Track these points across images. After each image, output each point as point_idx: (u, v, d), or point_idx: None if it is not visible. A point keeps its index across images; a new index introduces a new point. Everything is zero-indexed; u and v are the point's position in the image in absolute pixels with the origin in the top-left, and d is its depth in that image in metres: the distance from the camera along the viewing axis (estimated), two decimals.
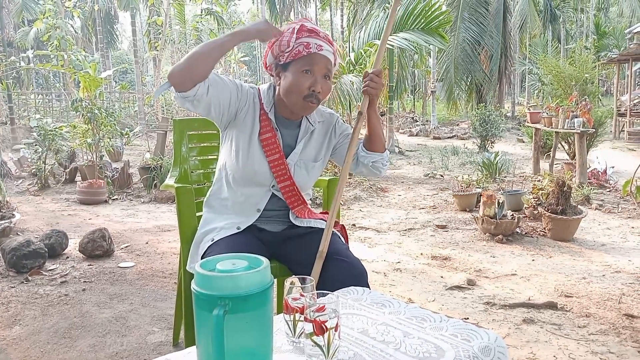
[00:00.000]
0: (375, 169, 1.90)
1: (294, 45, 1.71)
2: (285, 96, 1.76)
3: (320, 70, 1.72)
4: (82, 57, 7.25)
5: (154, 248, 4.12)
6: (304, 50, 1.70)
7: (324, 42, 1.74)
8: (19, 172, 8.05)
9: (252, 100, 1.81)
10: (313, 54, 1.71)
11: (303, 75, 1.71)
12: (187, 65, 1.60)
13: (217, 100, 1.70)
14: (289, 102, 1.76)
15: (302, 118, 1.85)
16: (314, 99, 1.72)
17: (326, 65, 1.74)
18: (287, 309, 1.17)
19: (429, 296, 3.05)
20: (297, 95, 1.71)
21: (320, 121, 1.90)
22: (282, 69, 1.76)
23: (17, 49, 19.74)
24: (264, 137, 1.78)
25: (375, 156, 1.88)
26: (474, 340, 1.17)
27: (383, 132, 1.89)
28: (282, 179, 1.79)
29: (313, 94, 1.71)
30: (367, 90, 1.78)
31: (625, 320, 2.66)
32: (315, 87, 1.71)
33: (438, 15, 6.81)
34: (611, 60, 15.20)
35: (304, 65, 1.71)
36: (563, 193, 4.30)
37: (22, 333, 2.55)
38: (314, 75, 1.71)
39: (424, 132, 15.31)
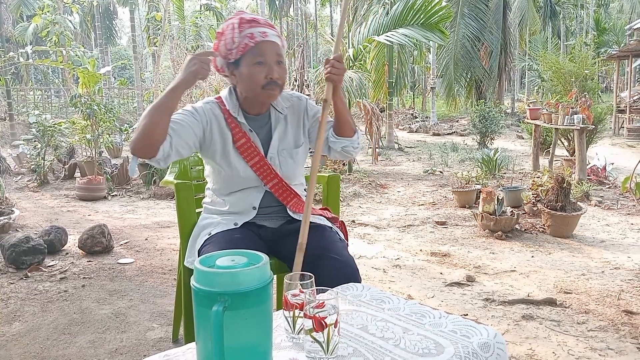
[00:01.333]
0: (346, 152, 1.91)
1: (239, 40, 1.70)
2: (245, 92, 1.76)
3: (271, 57, 1.72)
4: (81, 53, 7.22)
5: (153, 244, 4.12)
6: (250, 41, 1.69)
7: (266, 28, 1.73)
8: (18, 168, 8.05)
9: (212, 115, 1.79)
10: (260, 43, 1.70)
11: (256, 67, 1.70)
12: (143, 137, 1.60)
13: (184, 144, 1.70)
14: (251, 96, 1.76)
15: (270, 109, 1.85)
16: (273, 85, 1.72)
17: (275, 51, 1.73)
18: (287, 305, 1.17)
19: (429, 292, 3.06)
20: (256, 88, 1.71)
21: (288, 106, 1.88)
22: (234, 67, 1.76)
23: (16, 44, 19.68)
24: (239, 143, 1.78)
25: (344, 141, 1.87)
26: (473, 337, 1.17)
27: (350, 116, 1.88)
28: (268, 179, 1.80)
29: (271, 81, 1.71)
30: (329, 77, 1.75)
31: (624, 317, 2.67)
32: (271, 75, 1.70)
33: (438, 10, 6.80)
34: (611, 57, 15.20)
35: (254, 57, 1.70)
36: (562, 189, 4.30)
37: (21, 329, 2.55)
38: (266, 64, 1.70)
39: (424, 129, 15.31)
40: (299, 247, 1.66)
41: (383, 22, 7.28)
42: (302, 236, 1.65)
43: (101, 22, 22.43)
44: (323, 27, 32.12)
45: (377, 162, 8.81)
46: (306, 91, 7.85)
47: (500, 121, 10.97)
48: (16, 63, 8.29)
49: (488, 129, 10.53)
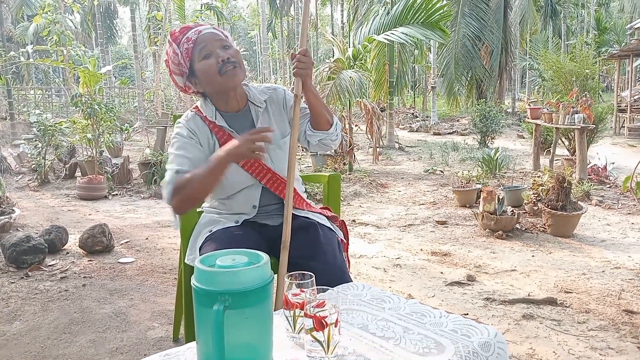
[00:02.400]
0: (324, 145, 1.91)
1: (180, 51, 1.73)
2: (211, 88, 1.76)
3: (213, 45, 1.72)
4: (81, 53, 7.23)
5: (154, 244, 4.12)
6: (189, 44, 1.72)
7: (198, 26, 1.76)
8: (19, 167, 8.05)
9: (197, 128, 1.78)
10: (197, 39, 1.72)
11: (205, 60, 1.71)
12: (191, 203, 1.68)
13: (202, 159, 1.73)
14: (217, 88, 1.75)
15: (247, 104, 1.85)
16: (228, 65, 1.71)
17: (215, 39, 1.73)
18: (287, 304, 1.17)
19: (429, 292, 3.06)
20: (215, 77, 1.71)
21: (266, 98, 1.88)
22: (192, 78, 1.77)
23: (17, 44, 19.70)
24: None
25: (320, 134, 1.86)
26: (473, 336, 1.17)
27: (326, 108, 1.85)
28: (261, 175, 1.80)
29: (223, 63, 1.70)
30: (296, 72, 1.73)
31: (624, 316, 2.66)
32: (221, 57, 1.70)
33: (438, 8, 6.78)
34: (612, 56, 15.17)
35: (198, 54, 1.72)
36: (563, 189, 4.30)
37: (22, 328, 2.55)
38: (212, 52, 1.71)
39: (424, 128, 15.29)
40: (283, 245, 1.66)
41: (384, 22, 7.27)
42: (285, 234, 1.66)
43: (102, 22, 22.43)
44: (324, 27, 32.12)
45: (377, 161, 8.81)
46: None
47: (500, 120, 10.97)
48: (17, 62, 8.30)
49: (489, 129, 10.53)
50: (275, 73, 29.70)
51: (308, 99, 1.79)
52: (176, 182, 1.64)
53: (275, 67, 31.54)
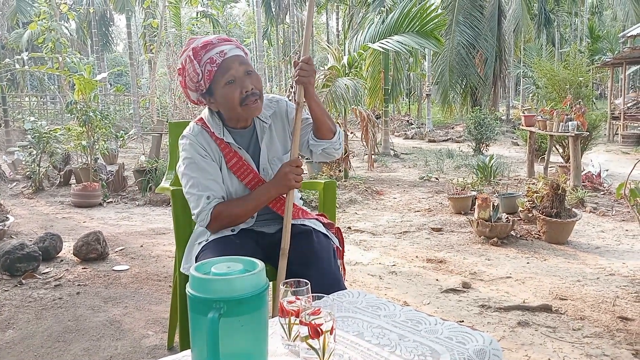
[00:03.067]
0: (327, 154, 1.91)
1: (201, 70, 1.69)
2: (227, 112, 1.76)
3: (238, 71, 1.70)
4: (77, 60, 7.21)
5: (148, 251, 4.10)
6: (212, 66, 1.68)
7: (222, 45, 1.72)
8: (13, 174, 8.01)
9: (205, 143, 1.77)
10: (222, 63, 1.68)
11: (228, 87, 1.69)
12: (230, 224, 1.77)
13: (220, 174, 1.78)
14: (234, 116, 1.76)
15: (254, 120, 1.84)
16: (251, 97, 1.70)
17: (240, 63, 1.71)
18: (283, 312, 1.17)
19: (424, 299, 3.06)
20: (236, 107, 1.71)
21: (271, 114, 1.87)
22: (209, 96, 1.76)
23: (11, 51, 19.66)
24: (231, 164, 1.78)
25: (323, 143, 1.86)
26: (469, 343, 1.18)
27: (328, 116, 1.85)
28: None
29: (247, 95, 1.70)
30: (298, 79, 1.73)
31: (619, 323, 2.67)
32: (246, 89, 1.69)
33: (433, 17, 6.83)
34: (605, 64, 15.30)
35: (222, 79, 1.69)
36: (557, 196, 4.32)
37: (15, 337, 2.53)
38: (236, 80, 1.69)
39: (419, 135, 15.34)
40: (282, 253, 1.67)
41: (379, 30, 7.31)
42: (284, 242, 1.67)
43: (97, 29, 22.42)
44: (319, 34, 32.22)
45: (373, 168, 8.82)
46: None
47: (495, 128, 11.02)
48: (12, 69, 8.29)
49: (483, 136, 10.57)
50: (271, 80, 29.76)
51: (311, 106, 1.79)
52: (214, 211, 1.70)
53: (271, 74, 31.61)
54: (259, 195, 1.74)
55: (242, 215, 1.75)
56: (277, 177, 1.73)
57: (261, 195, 1.74)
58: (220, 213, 1.70)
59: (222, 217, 1.71)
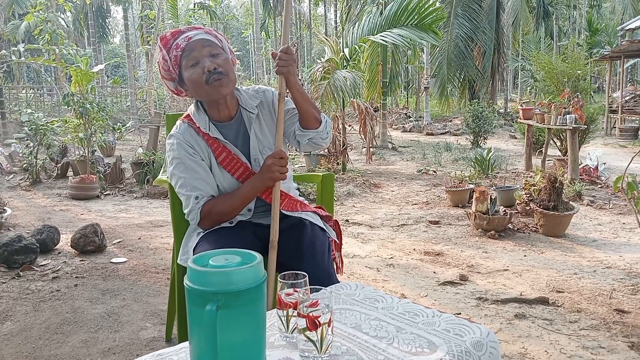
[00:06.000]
0: (314, 144, 1.88)
1: (169, 57, 1.72)
2: (199, 96, 1.76)
3: (201, 53, 1.70)
4: (73, 52, 7.17)
5: (146, 243, 4.10)
6: (177, 51, 1.71)
7: (189, 31, 1.74)
8: (10, 167, 7.99)
9: (192, 139, 1.77)
10: (185, 47, 1.71)
11: (193, 69, 1.70)
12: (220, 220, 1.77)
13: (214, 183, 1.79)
14: (205, 97, 1.75)
15: (238, 110, 1.83)
16: (215, 75, 1.69)
17: (204, 45, 1.71)
18: (281, 304, 1.17)
19: (422, 291, 3.07)
20: (201, 87, 1.70)
21: (258, 104, 1.86)
22: (182, 83, 1.77)
23: (8, 42, 19.56)
24: (220, 159, 1.77)
25: (310, 133, 1.83)
26: (466, 335, 1.18)
27: (313, 105, 1.82)
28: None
29: (209, 73, 1.68)
30: (278, 70, 1.71)
31: (615, 316, 2.68)
32: (208, 67, 1.68)
33: (432, 11, 6.81)
34: (603, 57, 15.28)
35: (187, 62, 1.71)
36: (555, 189, 4.32)
37: (13, 329, 2.54)
38: (199, 61, 1.70)
39: (417, 128, 15.33)
40: (271, 245, 1.66)
41: (377, 22, 7.28)
42: (273, 234, 1.66)
43: (94, 21, 22.32)
44: (317, 26, 32.11)
45: (371, 161, 8.82)
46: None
47: (493, 121, 11.02)
48: (8, 61, 8.24)
49: (481, 129, 10.57)
50: (269, 72, 29.64)
51: (294, 96, 1.77)
52: (204, 210, 1.72)
53: (268, 66, 31.49)
54: (245, 190, 1.73)
55: (231, 212, 1.75)
56: (261, 170, 1.72)
57: (247, 190, 1.73)
58: (209, 211, 1.72)
59: (212, 215, 1.72)
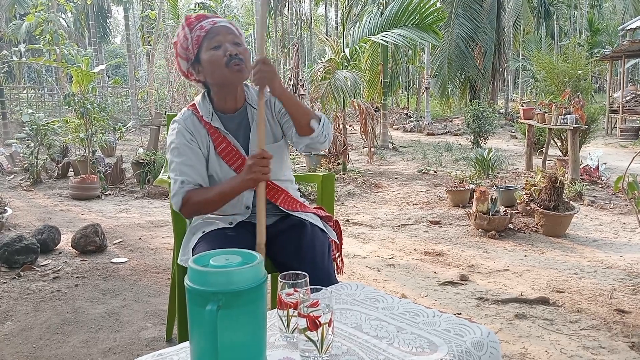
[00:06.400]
0: (312, 148, 1.87)
1: (191, 36, 1.73)
2: (213, 79, 1.75)
3: (225, 38, 1.72)
4: (74, 52, 7.17)
5: (147, 243, 4.11)
6: (201, 32, 1.72)
7: (215, 18, 1.76)
8: (11, 167, 8.00)
9: (193, 127, 1.78)
10: (211, 29, 1.72)
11: (214, 51, 1.71)
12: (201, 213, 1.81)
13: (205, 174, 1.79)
14: (220, 80, 1.74)
15: (245, 103, 1.83)
16: (236, 60, 1.70)
17: (228, 33, 1.73)
18: (281, 304, 1.17)
19: (422, 291, 3.06)
20: (220, 68, 1.70)
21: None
22: (197, 65, 1.76)
23: (9, 42, 19.57)
24: (219, 149, 1.77)
25: (305, 140, 1.80)
26: (466, 335, 1.18)
27: (305, 111, 1.77)
28: None
29: (231, 57, 1.69)
30: (258, 81, 1.68)
31: (616, 316, 2.68)
32: (230, 51, 1.69)
33: (433, 11, 6.81)
34: (604, 57, 15.27)
35: (209, 44, 1.72)
36: (555, 189, 4.32)
37: (14, 329, 2.54)
38: (222, 45, 1.70)
39: (418, 128, 15.33)
40: (258, 247, 1.64)
41: (378, 22, 7.29)
42: (259, 236, 1.62)
43: (95, 21, 22.31)
44: (318, 27, 32.10)
45: (371, 161, 8.81)
46: (301, 90, 7.86)
47: (494, 121, 11.01)
48: (9, 61, 8.24)
49: (482, 129, 10.57)
50: None
51: (284, 104, 1.75)
52: (185, 196, 1.70)
53: None
54: (227, 186, 1.71)
55: (210, 204, 1.72)
56: (243, 170, 1.67)
57: (227, 188, 1.70)
58: (190, 199, 1.70)
59: (191, 203, 1.71)
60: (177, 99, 9.93)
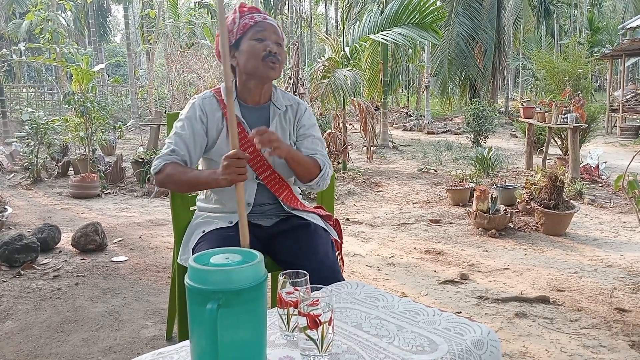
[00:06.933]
0: (313, 191, 1.94)
1: (239, 22, 1.75)
2: (245, 67, 1.77)
3: (270, 35, 1.75)
4: (74, 51, 7.19)
5: (147, 242, 4.11)
6: (250, 21, 1.75)
7: (267, 15, 1.80)
8: (11, 166, 8.00)
9: (209, 109, 1.80)
10: (260, 22, 1.75)
11: (256, 43, 1.74)
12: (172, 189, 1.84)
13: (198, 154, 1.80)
14: (252, 71, 1.76)
15: (269, 101, 1.85)
16: (273, 58, 1.73)
17: (275, 32, 1.77)
18: (281, 303, 1.17)
19: (422, 290, 3.07)
20: (256, 60, 1.73)
21: (288, 105, 1.88)
22: (235, 49, 1.78)
23: (9, 41, 19.56)
24: None
25: (302, 186, 1.89)
26: (466, 334, 1.18)
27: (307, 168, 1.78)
28: (261, 170, 1.79)
29: (270, 54, 1.73)
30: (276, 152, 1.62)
31: (616, 314, 2.68)
32: (270, 48, 1.73)
33: (433, 10, 6.81)
34: (604, 56, 15.26)
35: (254, 34, 1.75)
36: (556, 188, 4.32)
37: (14, 327, 2.54)
38: (266, 40, 1.74)
39: (418, 127, 15.33)
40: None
41: (378, 21, 7.29)
42: (242, 239, 1.51)
43: (95, 20, 22.30)
44: (318, 25, 32.08)
45: (371, 160, 8.81)
46: (301, 89, 7.85)
47: (494, 120, 11.01)
48: (9, 60, 8.24)
49: (482, 128, 10.57)
50: None
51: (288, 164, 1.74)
52: (167, 164, 1.72)
53: None
54: (203, 177, 1.67)
55: (181, 184, 1.71)
56: (220, 168, 1.58)
57: (204, 178, 1.66)
58: (164, 169, 1.71)
59: (167, 174, 1.71)
60: (177, 97, 9.92)
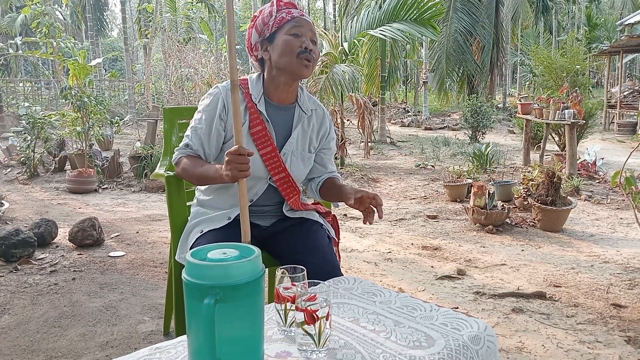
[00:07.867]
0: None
1: (276, 15, 1.72)
2: (278, 62, 1.72)
3: (307, 32, 1.71)
4: (71, 45, 7.13)
5: (144, 237, 4.10)
6: (287, 15, 1.71)
7: (303, 12, 1.76)
8: (8, 160, 7.97)
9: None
10: (297, 17, 1.71)
11: (292, 38, 1.70)
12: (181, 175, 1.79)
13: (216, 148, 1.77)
14: (284, 66, 1.71)
15: (294, 102, 1.81)
16: (308, 55, 1.69)
17: (312, 29, 1.74)
18: (279, 298, 1.17)
19: (420, 286, 3.07)
20: (290, 55, 1.69)
21: (314, 109, 1.85)
22: (268, 43, 1.74)
23: (5, 35, 19.47)
24: (254, 130, 1.72)
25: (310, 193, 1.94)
26: (463, 329, 1.18)
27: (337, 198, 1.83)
28: (276, 172, 1.75)
29: (306, 51, 1.69)
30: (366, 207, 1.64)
31: (612, 310, 2.69)
32: (307, 45, 1.69)
33: (431, 6, 6.80)
34: (602, 52, 15.27)
35: (290, 29, 1.70)
36: (553, 184, 4.33)
37: (11, 322, 2.54)
38: (302, 36, 1.70)
39: (416, 123, 15.33)
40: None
41: (376, 16, 7.27)
42: (244, 235, 1.49)
43: (92, 14, 22.18)
44: (316, 20, 32.01)
45: (369, 156, 8.82)
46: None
47: (491, 116, 11.02)
48: (5, 54, 8.20)
49: (480, 124, 10.57)
50: None
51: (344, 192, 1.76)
52: (182, 157, 1.75)
53: None
54: (210, 172, 1.64)
55: (192, 177, 1.73)
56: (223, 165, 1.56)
57: (211, 174, 1.64)
58: (181, 163, 1.74)
59: (181, 169, 1.74)
60: (175, 92, 9.89)
